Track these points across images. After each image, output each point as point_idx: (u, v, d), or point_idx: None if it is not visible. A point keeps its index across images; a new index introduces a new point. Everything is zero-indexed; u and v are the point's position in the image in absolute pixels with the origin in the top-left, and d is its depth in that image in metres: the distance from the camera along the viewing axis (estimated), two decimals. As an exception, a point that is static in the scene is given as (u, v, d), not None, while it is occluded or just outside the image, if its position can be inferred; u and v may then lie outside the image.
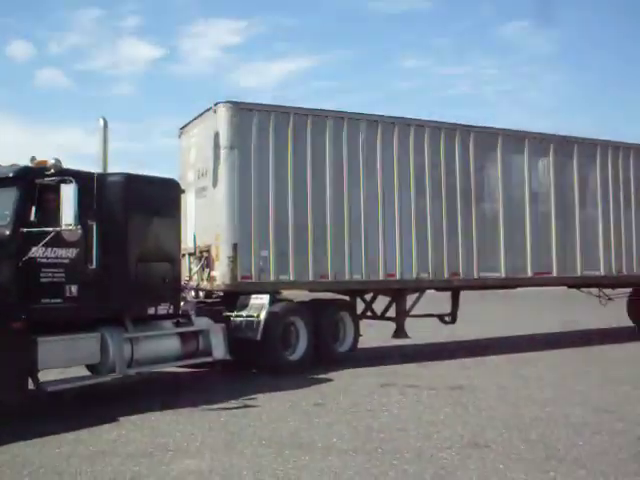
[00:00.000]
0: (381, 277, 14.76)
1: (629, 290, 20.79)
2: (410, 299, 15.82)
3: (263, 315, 12.95)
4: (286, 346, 13.55)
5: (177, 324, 11.85)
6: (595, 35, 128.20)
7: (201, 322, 12.24)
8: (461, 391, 11.29)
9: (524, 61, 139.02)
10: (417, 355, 15.52)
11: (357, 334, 14.84)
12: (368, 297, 16.12)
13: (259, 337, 12.85)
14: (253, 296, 13.34)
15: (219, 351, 12.19)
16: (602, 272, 17.63)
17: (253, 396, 10.87)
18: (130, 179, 10.93)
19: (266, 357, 13.31)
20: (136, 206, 10.94)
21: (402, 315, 15.51)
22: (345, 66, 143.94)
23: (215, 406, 10.15)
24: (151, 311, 11.17)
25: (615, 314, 21.83)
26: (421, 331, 17.78)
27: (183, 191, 12.24)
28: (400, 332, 15.48)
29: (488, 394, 10.99)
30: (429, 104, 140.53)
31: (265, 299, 13.17)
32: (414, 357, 15.16)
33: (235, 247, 13.28)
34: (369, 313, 16.16)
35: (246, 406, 10.22)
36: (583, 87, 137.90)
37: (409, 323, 15.78)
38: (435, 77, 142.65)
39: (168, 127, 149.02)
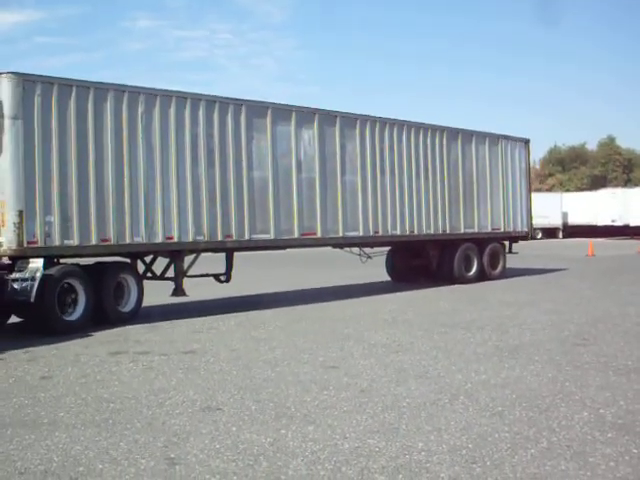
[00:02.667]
0: (160, 240, 14.72)
1: (387, 249, 22.60)
2: (188, 260, 15.94)
3: (37, 277, 12.55)
4: (64, 308, 13.23)
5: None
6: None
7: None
8: (193, 355, 10.76)
9: (256, 27, 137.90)
10: (186, 312, 15.56)
11: (141, 294, 14.78)
12: (148, 259, 16.12)
13: (32, 299, 12.45)
14: (31, 260, 12.85)
15: None
16: (361, 233, 18.48)
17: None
18: None
19: (41, 318, 13.01)
20: None
21: (180, 275, 15.57)
22: (73, 23, 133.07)
23: None
24: None
25: (375, 271, 22.92)
26: (202, 290, 18.10)
27: None
28: (178, 291, 15.54)
29: (220, 357, 10.54)
30: (161, 66, 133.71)
31: (39, 262, 12.74)
32: (184, 314, 15.24)
33: (21, 213, 12.72)
34: (149, 274, 16.07)
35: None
36: (309, 55, 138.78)
37: (190, 282, 15.96)
38: (169, 39, 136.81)
39: None
